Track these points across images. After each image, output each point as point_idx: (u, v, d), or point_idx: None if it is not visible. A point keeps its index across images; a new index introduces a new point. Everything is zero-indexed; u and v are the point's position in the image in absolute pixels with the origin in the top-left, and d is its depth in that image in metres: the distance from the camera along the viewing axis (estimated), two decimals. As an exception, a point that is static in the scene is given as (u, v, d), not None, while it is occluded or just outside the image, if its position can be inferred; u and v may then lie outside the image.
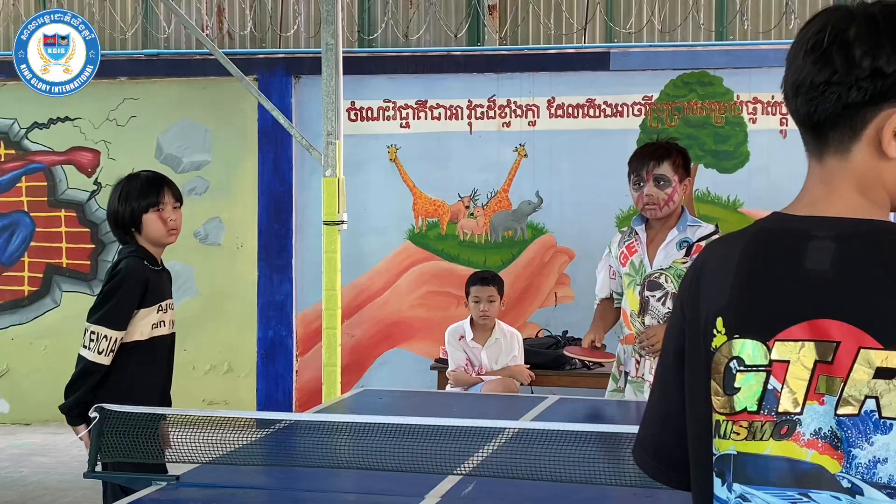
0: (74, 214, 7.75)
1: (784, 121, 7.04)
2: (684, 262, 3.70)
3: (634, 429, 2.72)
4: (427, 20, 7.57)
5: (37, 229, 7.79)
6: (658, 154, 3.80)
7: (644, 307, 3.73)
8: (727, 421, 1.26)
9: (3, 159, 7.81)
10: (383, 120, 7.45)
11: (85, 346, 3.25)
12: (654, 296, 3.71)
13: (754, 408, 1.24)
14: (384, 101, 7.44)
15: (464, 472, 2.69)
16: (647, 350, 3.67)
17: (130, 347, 3.31)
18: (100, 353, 3.22)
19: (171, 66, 7.60)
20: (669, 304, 3.67)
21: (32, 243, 7.80)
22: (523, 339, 5.68)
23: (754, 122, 7.09)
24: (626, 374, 3.88)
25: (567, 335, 6.31)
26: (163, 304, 3.39)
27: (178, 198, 3.45)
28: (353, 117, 7.40)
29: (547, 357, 5.84)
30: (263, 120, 7.39)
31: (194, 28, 6.43)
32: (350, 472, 2.76)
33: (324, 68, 6.06)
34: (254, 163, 7.56)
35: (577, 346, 4.22)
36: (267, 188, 7.53)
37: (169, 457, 3.00)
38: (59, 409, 3.32)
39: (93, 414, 2.83)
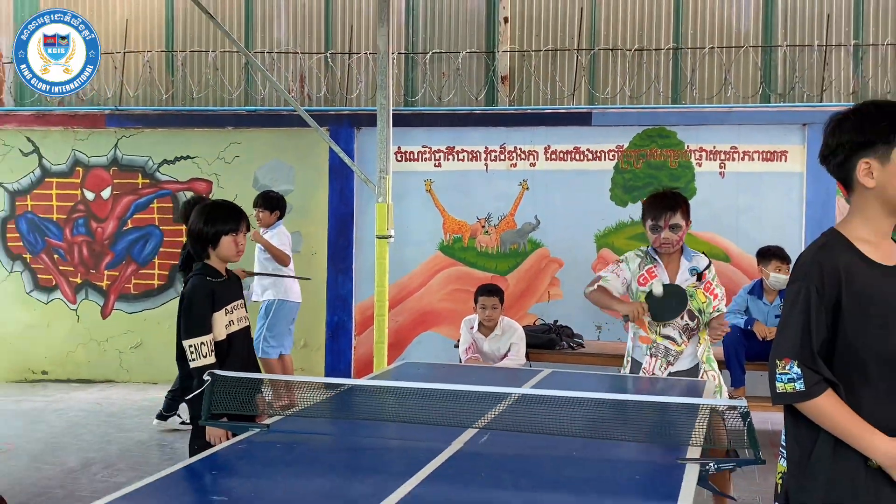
0: (192, 228, 7.79)
1: (722, 164, 6.99)
2: (695, 286, 3.57)
3: (609, 396, 2.70)
4: (455, 86, 7.59)
5: (164, 239, 7.87)
6: (672, 205, 3.58)
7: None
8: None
9: (141, 187, 7.90)
10: (421, 161, 7.47)
11: (192, 360, 3.04)
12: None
13: None
14: (422, 146, 7.47)
15: (480, 426, 2.69)
16: (718, 335, 3.51)
17: (216, 347, 3.11)
18: (204, 356, 3.04)
19: (265, 119, 7.66)
20: (686, 317, 3.55)
21: (161, 249, 7.88)
22: (523, 327, 5.64)
23: (700, 165, 7.04)
24: (639, 364, 3.63)
25: (557, 323, 6.29)
26: (229, 306, 3.17)
27: (249, 227, 3.29)
28: (399, 158, 7.43)
29: (542, 340, 5.83)
30: (333, 160, 7.43)
31: (283, 91, 6.46)
32: (395, 423, 2.76)
33: (378, 122, 6.06)
34: (325, 192, 7.59)
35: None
36: (335, 211, 7.56)
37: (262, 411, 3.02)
38: (194, 421, 3.03)
39: (206, 377, 2.83)
